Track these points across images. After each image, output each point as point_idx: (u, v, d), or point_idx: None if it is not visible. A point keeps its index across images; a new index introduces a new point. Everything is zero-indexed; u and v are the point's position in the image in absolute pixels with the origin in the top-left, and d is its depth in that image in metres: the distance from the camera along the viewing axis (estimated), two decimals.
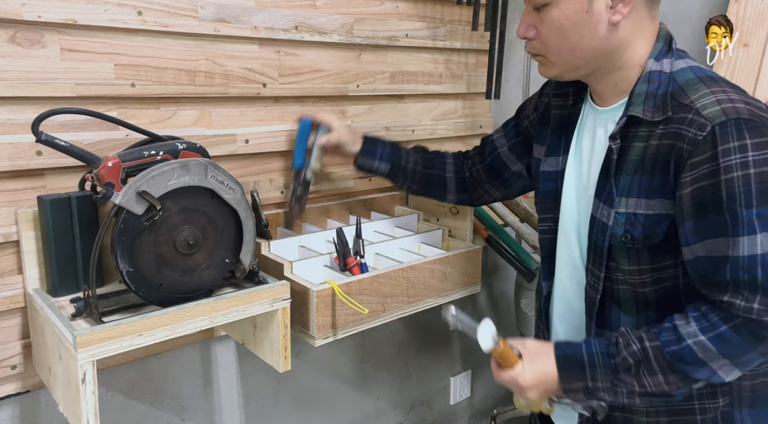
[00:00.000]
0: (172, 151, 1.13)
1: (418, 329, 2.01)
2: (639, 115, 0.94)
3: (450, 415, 2.22)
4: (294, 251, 1.40)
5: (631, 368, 0.92)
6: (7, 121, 1.12)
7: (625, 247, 0.97)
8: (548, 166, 1.13)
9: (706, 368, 0.89)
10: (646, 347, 0.91)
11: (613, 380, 0.93)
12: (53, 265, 1.14)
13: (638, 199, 0.95)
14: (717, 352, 0.88)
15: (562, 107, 1.13)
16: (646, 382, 0.92)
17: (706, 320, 0.89)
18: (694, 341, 0.88)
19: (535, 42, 1.00)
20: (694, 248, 0.90)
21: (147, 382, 1.42)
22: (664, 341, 0.90)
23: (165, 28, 1.25)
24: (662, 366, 0.91)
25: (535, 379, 0.97)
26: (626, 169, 0.96)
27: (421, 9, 1.70)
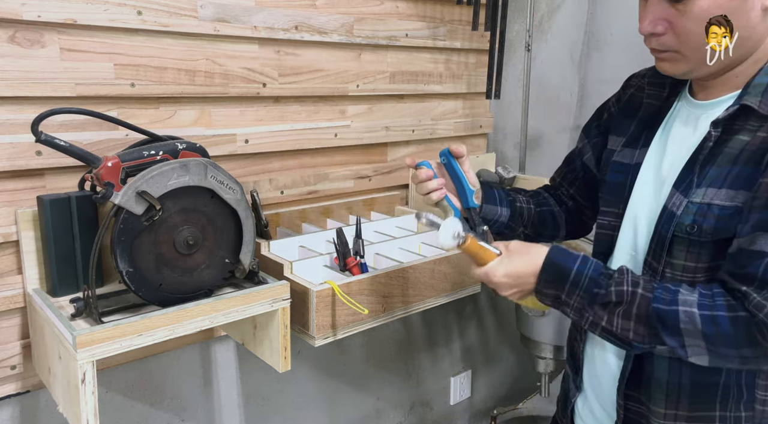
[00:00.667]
0: (171, 151, 1.13)
1: (418, 329, 2.01)
2: (753, 106, 0.87)
3: (450, 415, 2.22)
4: (294, 251, 1.40)
5: (609, 304, 0.89)
6: (7, 121, 1.12)
7: (688, 239, 0.90)
8: (622, 158, 1.05)
9: (678, 339, 0.85)
10: (636, 293, 0.87)
11: (586, 306, 0.91)
12: (53, 265, 1.14)
13: (719, 189, 0.87)
14: (700, 330, 0.84)
15: (656, 97, 1.04)
16: (616, 322, 0.89)
17: (710, 299, 0.84)
18: (684, 310, 0.84)
19: (665, 37, 0.90)
20: (741, 241, 0.84)
21: (147, 382, 1.42)
22: (656, 296, 0.86)
23: (165, 27, 1.25)
24: (639, 316, 0.87)
25: (507, 276, 0.94)
26: (720, 161, 0.89)
27: (421, 9, 1.70)
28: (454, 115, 1.88)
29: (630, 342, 0.89)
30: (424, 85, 1.77)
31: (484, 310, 2.22)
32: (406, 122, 1.75)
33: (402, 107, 1.74)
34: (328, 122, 1.58)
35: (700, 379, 0.93)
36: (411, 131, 1.77)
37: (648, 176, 1.01)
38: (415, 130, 1.78)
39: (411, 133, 1.77)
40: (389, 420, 2.01)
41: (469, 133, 1.93)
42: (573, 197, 1.24)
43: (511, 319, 2.23)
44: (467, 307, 2.16)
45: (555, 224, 1.22)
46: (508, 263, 0.94)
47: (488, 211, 1.14)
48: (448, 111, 1.86)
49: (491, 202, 1.14)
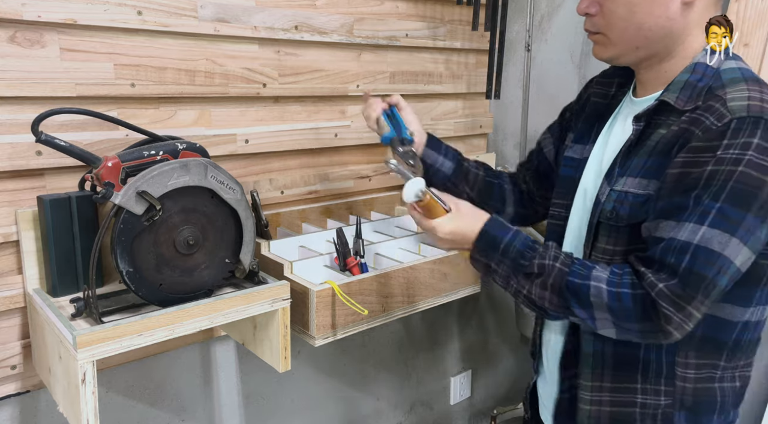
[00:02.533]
0: (171, 151, 1.13)
1: (418, 329, 2.01)
2: (670, 102, 0.93)
3: (450, 415, 2.22)
4: (294, 251, 1.40)
5: (531, 275, 0.95)
6: (7, 121, 1.12)
7: (608, 224, 0.97)
8: (573, 153, 1.12)
9: (588, 311, 0.91)
10: (553, 266, 0.93)
11: (511, 275, 0.97)
12: (53, 265, 1.14)
13: (635, 179, 0.94)
14: (605, 304, 0.89)
15: (603, 96, 1.12)
16: (534, 291, 0.95)
17: (618, 276, 0.90)
18: (594, 285, 0.90)
19: (596, 18, 0.98)
20: (649, 224, 0.90)
21: (147, 382, 1.42)
22: (573, 271, 0.92)
23: (165, 27, 1.25)
24: (554, 287, 0.93)
25: (451, 234, 1.01)
26: (642, 152, 0.95)
27: (421, 9, 1.70)
28: (454, 115, 1.88)
29: (545, 310, 0.96)
30: (424, 85, 1.77)
31: (484, 310, 2.22)
32: None
33: None
34: (328, 122, 1.58)
35: (621, 351, 0.99)
36: None
37: (591, 170, 1.07)
38: None
39: None
40: (389, 420, 2.01)
41: (469, 133, 1.93)
42: (527, 183, 1.31)
43: (511, 319, 2.23)
44: (467, 307, 2.16)
45: (501, 197, 1.31)
46: (456, 222, 1.01)
47: (429, 155, 1.27)
48: (448, 111, 1.86)
49: (435, 149, 1.27)
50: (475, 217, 1.02)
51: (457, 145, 1.91)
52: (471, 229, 1.00)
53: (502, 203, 1.32)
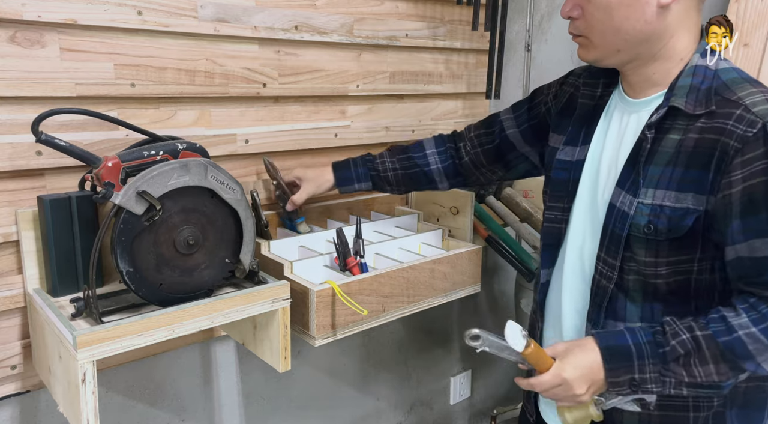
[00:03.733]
0: (171, 151, 1.13)
1: (418, 329, 2.01)
2: (681, 107, 0.93)
3: (450, 415, 2.22)
4: (294, 251, 1.40)
5: (680, 357, 0.91)
6: (7, 121, 1.12)
7: (645, 238, 0.96)
8: (565, 155, 1.11)
9: (753, 361, 0.89)
10: (698, 336, 0.90)
11: (662, 370, 0.92)
12: (53, 265, 1.14)
13: (667, 191, 0.93)
14: (766, 344, 0.88)
15: (590, 97, 1.11)
16: (696, 371, 0.91)
17: (757, 312, 0.88)
18: (745, 333, 0.88)
19: (579, 22, 0.99)
20: (738, 248, 0.90)
21: (147, 382, 1.42)
22: (715, 332, 0.89)
23: (165, 28, 1.25)
24: (714, 356, 0.90)
25: (579, 371, 0.94)
26: (657, 160, 0.95)
27: (421, 9, 1.70)
28: (454, 115, 1.88)
29: (718, 384, 0.94)
30: (424, 85, 1.77)
31: (484, 310, 2.22)
32: (406, 122, 1.75)
33: (402, 107, 1.74)
34: (328, 122, 1.58)
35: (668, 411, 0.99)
36: (411, 131, 1.77)
37: (589, 172, 1.07)
38: (415, 130, 1.78)
39: (411, 134, 1.77)
40: (389, 420, 2.01)
41: None
42: (471, 157, 1.34)
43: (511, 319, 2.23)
44: (467, 307, 2.16)
45: (430, 181, 1.38)
46: (574, 361, 0.95)
47: (345, 190, 1.40)
48: (448, 111, 1.86)
49: (346, 184, 1.39)
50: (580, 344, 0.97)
51: None
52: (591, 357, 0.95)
53: (433, 184, 1.38)
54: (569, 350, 0.96)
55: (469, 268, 1.49)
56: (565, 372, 0.94)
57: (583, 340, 0.98)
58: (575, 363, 0.94)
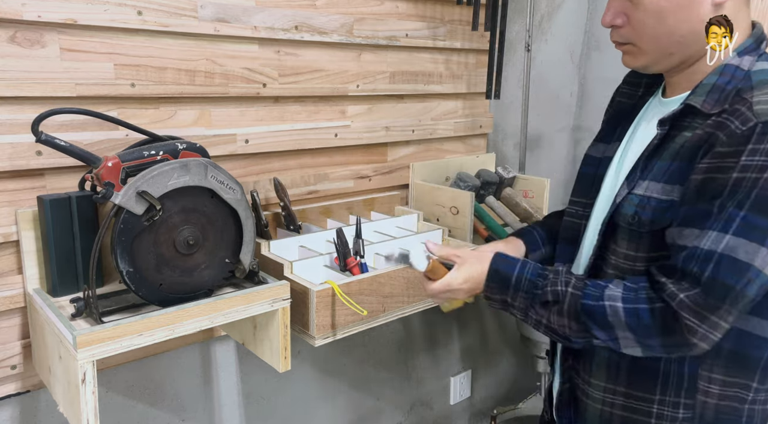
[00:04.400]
0: (172, 151, 1.13)
1: (418, 329, 2.01)
2: (697, 106, 0.90)
3: (450, 415, 2.22)
4: (294, 251, 1.40)
5: (547, 303, 0.95)
6: (7, 121, 1.12)
7: (629, 229, 0.95)
8: (594, 151, 1.10)
9: (609, 332, 0.90)
10: (566, 292, 0.93)
11: (528, 306, 0.97)
12: (53, 265, 1.14)
13: (657, 183, 0.92)
14: (624, 322, 0.88)
15: (629, 96, 1.09)
16: (553, 319, 0.95)
17: (634, 292, 0.89)
18: (610, 304, 0.89)
19: (624, 30, 0.95)
20: (673, 230, 0.89)
21: (147, 382, 1.42)
22: (586, 293, 0.91)
23: (165, 28, 1.25)
24: (570, 313, 0.92)
25: (466, 283, 1.03)
26: (665, 155, 0.93)
27: (421, 9, 1.70)
28: (454, 115, 1.88)
29: (568, 337, 0.95)
30: (424, 85, 1.77)
31: (484, 310, 2.22)
32: (406, 122, 1.75)
33: (402, 107, 1.74)
34: (328, 122, 1.58)
35: (639, 361, 0.96)
36: (411, 131, 1.77)
37: (613, 170, 1.05)
38: (415, 130, 1.78)
39: (411, 134, 1.77)
40: (389, 420, 2.01)
41: (469, 133, 1.93)
42: None
43: (511, 319, 2.23)
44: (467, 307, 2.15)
45: None
46: (464, 270, 1.03)
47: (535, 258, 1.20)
48: (448, 111, 1.86)
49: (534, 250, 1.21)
50: (479, 259, 1.02)
51: (456, 145, 1.92)
52: (479, 271, 1.01)
53: None
54: (466, 260, 1.03)
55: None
56: (455, 281, 1.02)
57: (484, 253, 1.04)
58: (465, 275, 1.02)
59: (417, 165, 1.75)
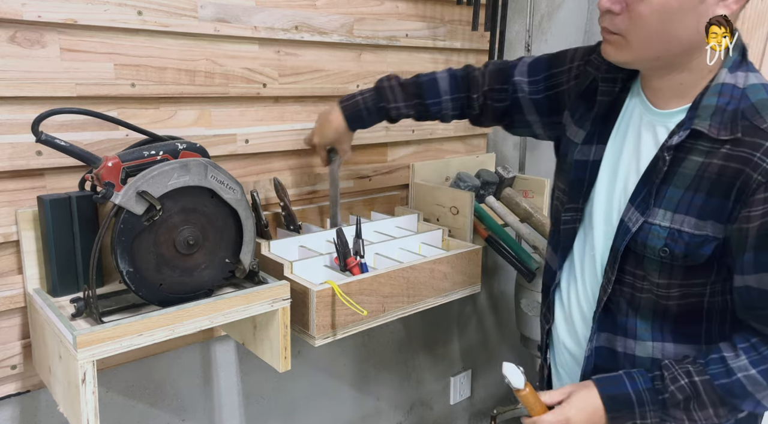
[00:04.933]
0: (172, 151, 1.13)
1: (418, 329, 2.01)
2: (704, 131, 0.89)
3: (450, 415, 2.22)
4: (294, 251, 1.40)
5: (680, 403, 0.92)
6: (7, 121, 1.12)
7: (660, 261, 0.94)
8: (581, 155, 1.08)
9: (752, 400, 0.90)
10: (696, 382, 0.91)
11: (662, 416, 0.93)
12: (53, 265, 1.14)
13: (687, 216, 0.91)
14: (765, 385, 0.88)
15: (609, 94, 1.06)
16: (696, 416, 0.92)
17: (756, 352, 0.89)
18: (744, 375, 0.89)
19: (619, 18, 0.90)
20: (747, 278, 0.89)
21: (147, 382, 1.42)
22: (713, 374, 0.90)
23: (165, 28, 1.25)
24: (713, 400, 0.91)
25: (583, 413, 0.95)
26: (676, 181, 0.92)
27: (421, 9, 1.70)
28: None
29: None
30: None
31: (484, 310, 2.22)
32: (406, 122, 1.75)
33: None
34: None
35: None
36: (411, 131, 1.77)
37: (604, 178, 1.04)
38: (415, 130, 1.78)
39: (411, 134, 1.77)
40: (389, 420, 2.01)
41: (468, 133, 1.93)
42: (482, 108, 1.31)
43: (511, 319, 2.23)
44: (467, 307, 2.16)
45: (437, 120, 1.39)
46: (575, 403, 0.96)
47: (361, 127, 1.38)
48: None
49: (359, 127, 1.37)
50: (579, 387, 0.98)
51: (456, 145, 1.92)
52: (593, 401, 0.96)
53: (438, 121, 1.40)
54: (574, 393, 0.98)
55: (469, 268, 1.49)
56: (569, 413, 0.95)
57: (584, 384, 0.99)
58: (579, 406, 0.96)
59: (417, 165, 1.75)
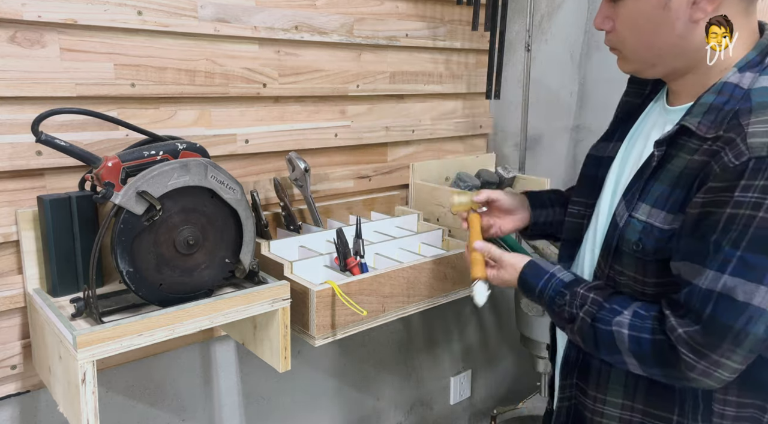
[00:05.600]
0: (172, 151, 1.13)
1: (418, 329, 2.01)
2: (691, 128, 0.88)
3: (450, 415, 2.22)
4: (294, 251, 1.40)
5: (564, 321, 0.99)
6: (7, 121, 1.12)
7: (634, 254, 0.94)
8: (596, 151, 1.09)
9: (616, 356, 0.92)
10: (578, 314, 0.96)
11: (552, 315, 1.03)
12: (53, 265, 1.14)
13: (660, 211, 0.91)
14: (628, 349, 0.90)
15: (636, 95, 1.08)
16: (572, 336, 0.99)
17: (641, 320, 0.90)
18: (617, 329, 0.90)
19: (611, 35, 0.96)
20: (676, 264, 0.89)
21: (147, 382, 1.42)
22: (598, 317, 0.93)
23: (165, 28, 1.25)
24: (582, 335, 0.96)
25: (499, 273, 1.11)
26: (663, 178, 0.92)
27: (421, 9, 1.70)
28: (454, 115, 1.88)
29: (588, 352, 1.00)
30: (424, 85, 1.77)
31: (484, 310, 2.22)
32: (406, 122, 1.75)
33: (402, 107, 1.74)
34: (328, 122, 1.58)
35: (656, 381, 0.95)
36: (411, 131, 1.77)
37: (613, 173, 1.05)
38: (415, 130, 1.78)
39: (411, 134, 1.77)
40: (389, 420, 2.01)
41: (469, 133, 1.93)
42: None
43: (511, 319, 2.23)
44: (467, 307, 2.16)
45: None
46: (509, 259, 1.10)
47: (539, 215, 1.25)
48: (448, 111, 1.86)
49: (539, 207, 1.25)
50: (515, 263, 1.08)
51: (456, 146, 1.92)
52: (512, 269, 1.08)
53: None
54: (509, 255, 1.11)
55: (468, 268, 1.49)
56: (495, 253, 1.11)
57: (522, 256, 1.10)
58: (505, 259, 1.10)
59: (417, 165, 1.75)
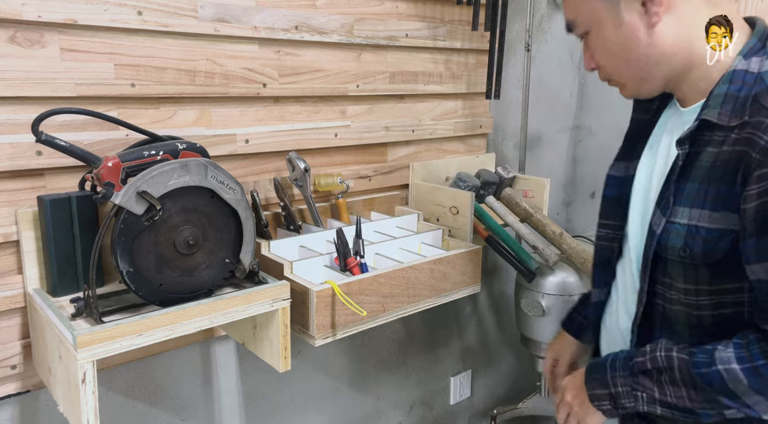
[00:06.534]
0: (172, 151, 1.13)
1: (418, 329, 2.01)
2: (713, 120, 0.86)
3: (450, 415, 2.22)
4: (294, 251, 1.40)
5: (649, 372, 0.89)
6: (7, 121, 1.12)
7: (682, 262, 0.88)
8: (616, 171, 1.06)
9: (737, 400, 0.83)
10: (672, 357, 0.87)
11: (633, 384, 0.91)
12: (53, 265, 1.14)
13: (702, 210, 0.86)
14: (747, 385, 0.81)
15: (644, 111, 1.05)
16: (667, 391, 0.88)
17: (746, 350, 0.82)
18: (725, 368, 0.82)
19: (599, 71, 0.99)
20: (754, 268, 0.83)
21: (147, 382, 1.42)
22: (696, 361, 0.86)
23: (165, 28, 1.25)
24: (685, 380, 0.86)
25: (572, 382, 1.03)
26: (694, 176, 0.88)
27: (421, 9, 1.70)
28: (454, 115, 1.88)
29: (693, 411, 0.88)
30: (424, 85, 1.77)
31: (484, 310, 2.22)
32: (406, 122, 1.75)
33: (402, 107, 1.74)
34: (328, 122, 1.58)
35: None
36: (411, 131, 1.77)
37: (639, 189, 1.02)
38: (415, 130, 1.78)
39: (411, 134, 1.77)
40: (389, 420, 2.01)
41: (469, 133, 1.93)
42: None
43: (511, 319, 2.23)
44: (467, 307, 2.16)
45: None
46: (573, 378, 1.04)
47: None
48: (448, 111, 1.86)
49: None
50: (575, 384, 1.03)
51: (456, 146, 1.92)
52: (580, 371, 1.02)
53: None
54: None
55: (469, 268, 1.49)
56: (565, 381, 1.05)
57: None
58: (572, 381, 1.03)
59: (417, 165, 1.76)
